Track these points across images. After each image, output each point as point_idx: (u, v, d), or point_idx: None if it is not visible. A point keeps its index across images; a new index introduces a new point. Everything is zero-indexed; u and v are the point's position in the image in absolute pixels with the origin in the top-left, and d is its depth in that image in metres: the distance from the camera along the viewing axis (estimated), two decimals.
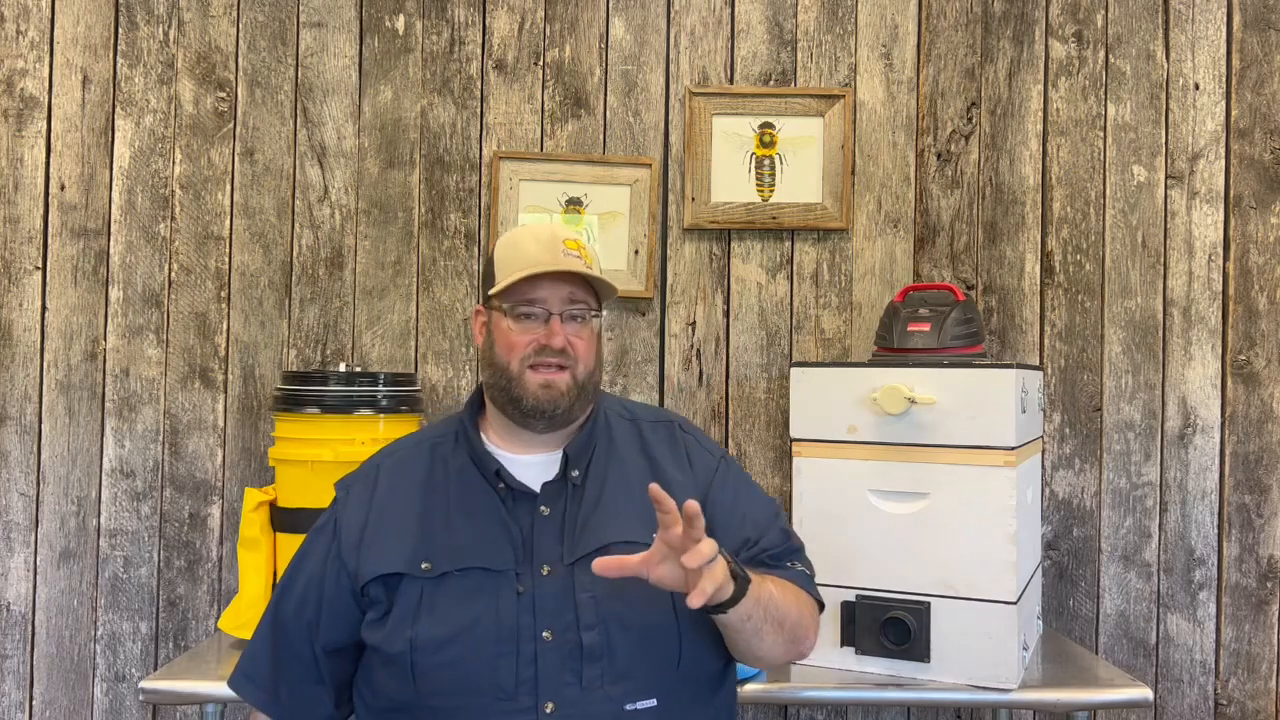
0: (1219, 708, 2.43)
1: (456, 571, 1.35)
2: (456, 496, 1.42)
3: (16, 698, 2.41)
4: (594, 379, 1.46)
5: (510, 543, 1.37)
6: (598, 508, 1.39)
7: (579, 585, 1.34)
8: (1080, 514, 2.45)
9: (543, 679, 1.31)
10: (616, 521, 1.37)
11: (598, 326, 1.48)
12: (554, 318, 1.41)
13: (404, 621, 1.34)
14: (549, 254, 1.41)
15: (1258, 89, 2.47)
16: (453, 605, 1.34)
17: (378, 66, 2.48)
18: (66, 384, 2.43)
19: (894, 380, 1.91)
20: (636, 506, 1.38)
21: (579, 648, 1.31)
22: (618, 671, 1.32)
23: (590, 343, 1.44)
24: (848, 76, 2.47)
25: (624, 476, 1.43)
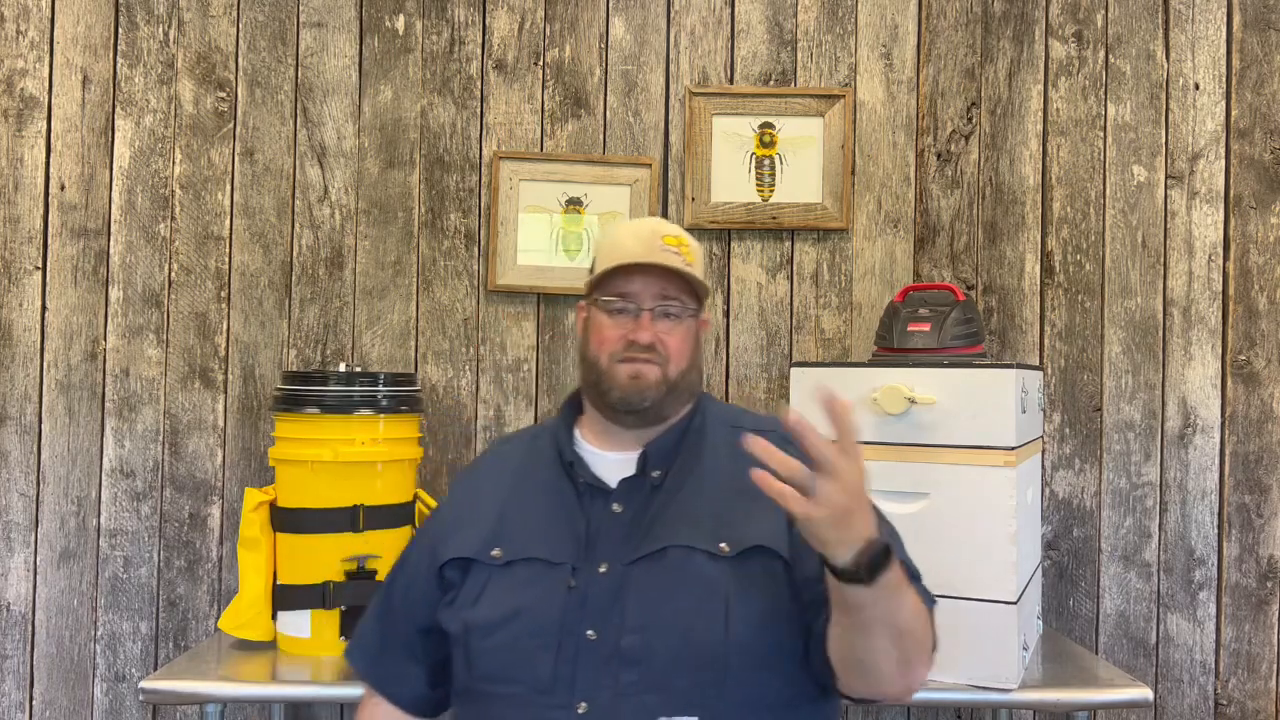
0: (1219, 708, 2.43)
1: (520, 561, 1.36)
2: (537, 488, 1.43)
3: (16, 698, 2.41)
4: (687, 378, 1.41)
5: (574, 537, 1.36)
6: (669, 510, 1.35)
7: (631, 587, 1.30)
8: (1080, 514, 2.45)
9: (580, 677, 1.28)
10: (683, 526, 1.33)
11: (694, 325, 1.44)
12: (645, 313, 1.38)
13: (465, 604, 1.37)
14: (644, 248, 1.39)
15: (1258, 89, 2.47)
16: (507, 592, 1.35)
17: (378, 66, 2.48)
18: (66, 384, 2.43)
19: (894, 380, 1.91)
20: (709, 513, 1.33)
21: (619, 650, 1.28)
22: (654, 680, 1.27)
23: (684, 341, 1.40)
24: (848, 76, 2.47)
25: (704, 481, 1.37)
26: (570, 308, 2.46)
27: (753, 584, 1.27)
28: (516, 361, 2.46)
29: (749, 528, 1.30)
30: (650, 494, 1.37)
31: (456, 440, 2.46)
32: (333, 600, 2.00)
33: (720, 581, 1.28)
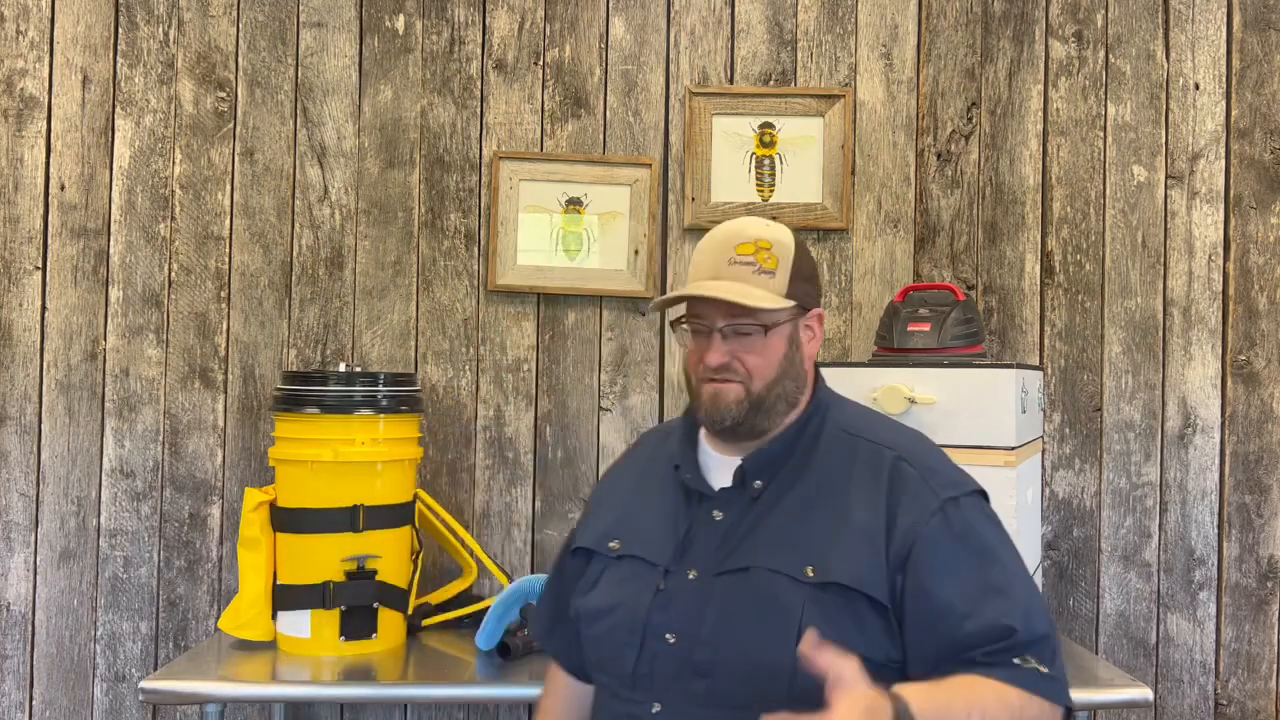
0: (1219, 708, 2.43)
1: (629, 556, 1.38)
2: (656, 485, 1.44)
3: (16, 698, 2.41)
4: (777, 390, 1.35)
5: (674, 539, 1.36)
6: (765, 524, 1.32)
7: (713, 599, 1.30)
8: (1080, 514, 2.45)
9: (657, 678, 1.30)
10: (771, 545, 1.30)
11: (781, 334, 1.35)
12: (715, 334, 1.35)
13: (583, 591, 1.42)
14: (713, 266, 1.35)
15: (1258, 89, 2.47)
16: (614, 585, 1.38)
17: (378, 66, 2.48)
18: (66, 384, 2.43)
19: (894, 380, 1.91)
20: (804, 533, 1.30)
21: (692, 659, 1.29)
22: (721, 694, 1.27)
23: (764, 355, 1.34)
24: (848, 76, 2.47)
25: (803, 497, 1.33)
26: (570, 307, 2.46)
27: (829, 616, 1.24)
28: (516, 361, 2.46)
29: (838, 560, 1.27)
30: (749, 505, 1.34)
31: (456, 440, 2.46)
32: (333, 600, 2.00)
33: (796, 607, 1.25)
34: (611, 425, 2.46)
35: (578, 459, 2.45)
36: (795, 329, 1.37)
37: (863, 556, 1.26)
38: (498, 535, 2.46)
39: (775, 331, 1.35)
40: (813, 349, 1.40)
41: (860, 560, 1.26)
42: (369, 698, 2.23)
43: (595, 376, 2.46)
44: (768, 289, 1.34)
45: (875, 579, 1.25)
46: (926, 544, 1.25)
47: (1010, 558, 1.30)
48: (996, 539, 1.30)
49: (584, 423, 2.46)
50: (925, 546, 1.25)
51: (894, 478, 1.30)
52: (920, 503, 1.28)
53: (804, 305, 1.38)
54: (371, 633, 2.03)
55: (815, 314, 1.40)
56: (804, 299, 1.37)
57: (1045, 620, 1.26)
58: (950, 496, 1.29)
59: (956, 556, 1.26)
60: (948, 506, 1.28)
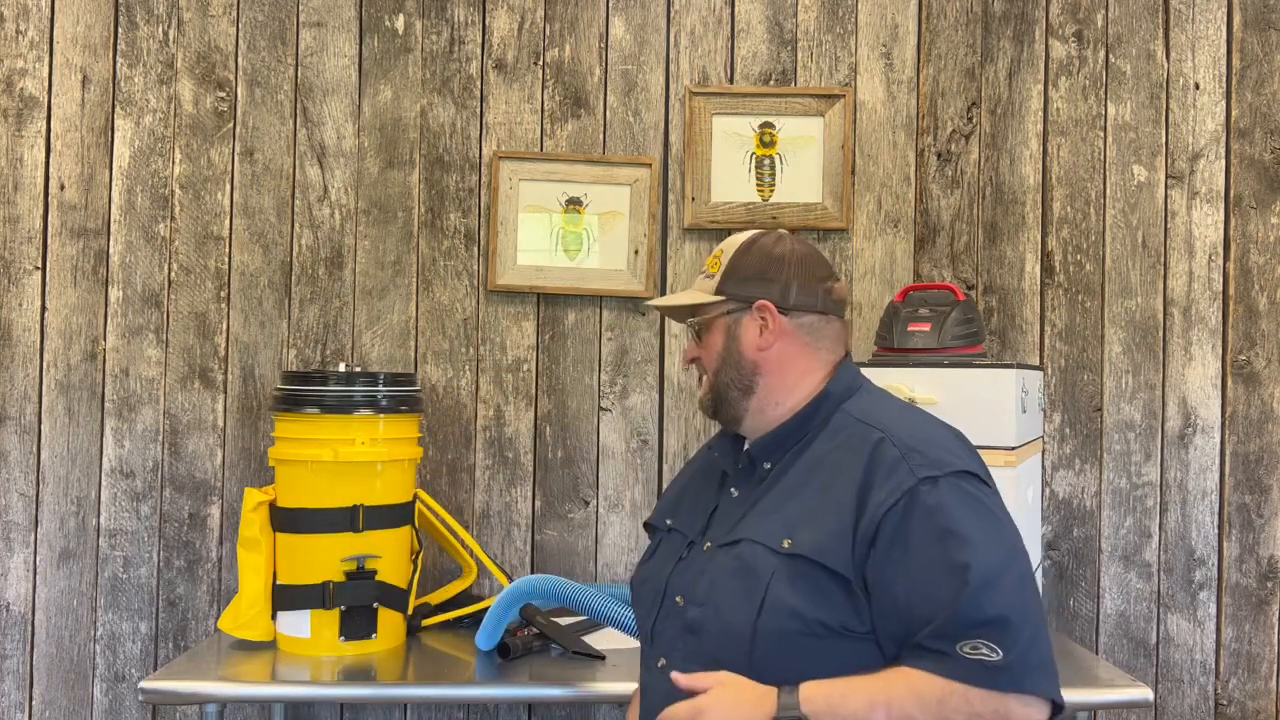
0: (1219, 708, 2.43)
1: (675, 530, 1.51)
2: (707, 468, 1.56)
3: (16, 698, 2.41)
4: (721, 379, 1.45)
5: (704, 515, 1.47)
6: (763, 501, 1.40)
7: (711, 566, 1.40)
8: (1080, 514, 2.45)
9: (664, 636, 1.41)
10: (761, 520, 1.37)
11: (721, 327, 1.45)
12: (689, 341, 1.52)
13: (644, 560, 1.57)
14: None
15: (1258, 89, 2.47)
16: (658, 556, 1.52)
17: (378, 66, 2.48)
18: (66, 384, 2.43)
19: (894, 380, 1.91)
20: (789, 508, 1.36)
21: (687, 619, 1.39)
22: (704, 651, 1.35)
23: (707, 349, 1.47)
24: (848, 76, 2.47)
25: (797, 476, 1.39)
26: (569, 307, 2.46)
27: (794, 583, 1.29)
28: (516, 361, 2.46)
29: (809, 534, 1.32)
30: (758, 484, 1.43)
31: (456, 440, 2.45)
32: (333, 600, 1.99)
33: (767, 571, 1.31)
34: (611, 425, 2.46)
35: (578, 459, 2.45)
36: (734, 323, 1.44)
37: (831, 531, 1.29)
38: (498, 535, 2.46)
39: (710, 326, 1.46)
40: (767, 340, 1.43)
41: (827, 534, 1.30)
42: (369, 698, 2.24)
43: (595, 376, 2.46)
44: (702, 289, 1.47)
45: (839, 552, 1.28)
46: (890, 523, 1.26)
47: (981, 538, 1.25)
48: (968, 520, 1.26)
49: (584, 423, 2.46)
50: (889, 525, 1.26)
51: (873, 457, 1.32)
52: (893, 482, 1.29)
53: (738, 298, 1.44)
54: (371, 633, 2.03)
55: (758, 305, 1.44)
56: (737, 292, 1.44)
57: (1008, 604, 1.21)
58: (927, 476, 1.28)
59: (917, 537, 1.25)
60: (921, 486, 1.27)
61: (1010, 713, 1.20)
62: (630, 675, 1.86)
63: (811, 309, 1.44)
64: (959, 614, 1.19)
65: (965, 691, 1.18)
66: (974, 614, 1.19)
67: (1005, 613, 1.20)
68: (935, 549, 1.24)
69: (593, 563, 2.46)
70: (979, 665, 1.18)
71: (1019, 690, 1.20)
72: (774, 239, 1.48)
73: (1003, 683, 1.19)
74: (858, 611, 1.27)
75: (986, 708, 1.19)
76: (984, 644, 1.18)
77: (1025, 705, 1.20)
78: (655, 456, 2.46)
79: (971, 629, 1.19)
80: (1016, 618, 1.20)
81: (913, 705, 1.19)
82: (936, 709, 1.19)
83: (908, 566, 1.24)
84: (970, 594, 1.19)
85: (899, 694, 1.20)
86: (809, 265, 1.46)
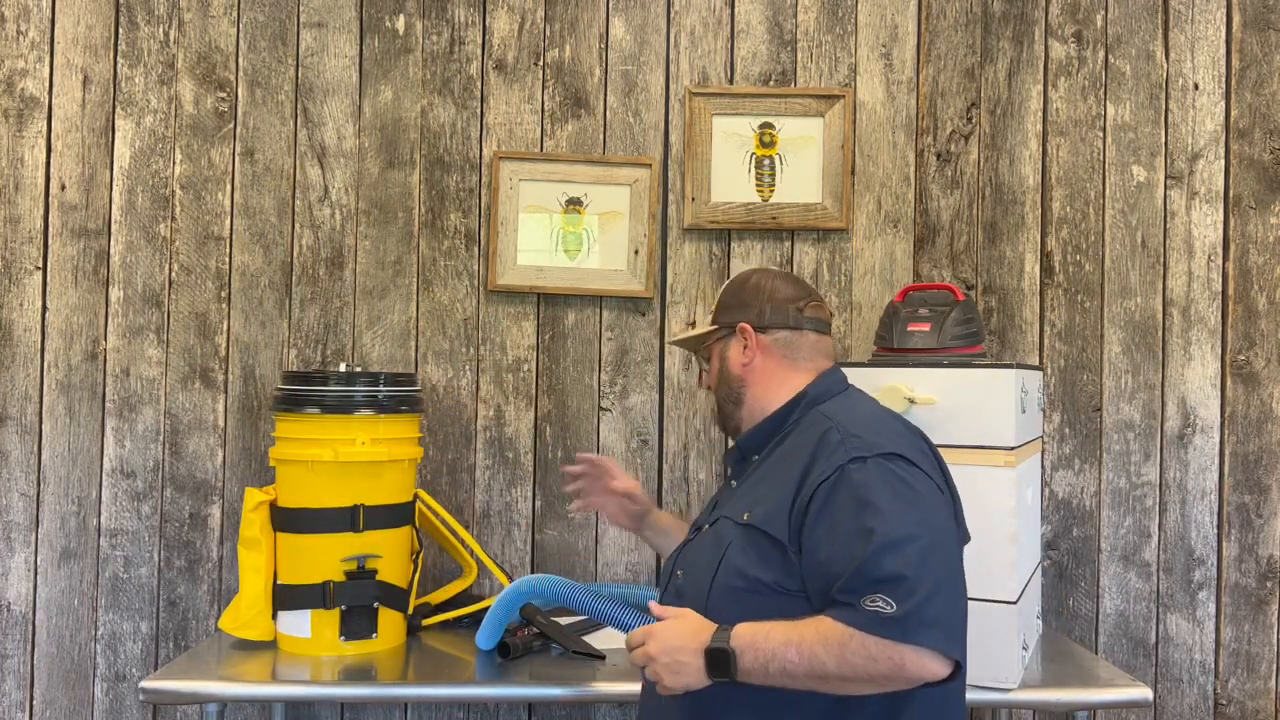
0: (1219, 707, 2.43)
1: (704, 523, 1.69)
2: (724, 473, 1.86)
3: (17, 698, 2.41)
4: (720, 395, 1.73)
5: (711, 506, 1.73)
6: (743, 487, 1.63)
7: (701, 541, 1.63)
8: (1080, 514, 2.45)
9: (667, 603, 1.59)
10: (739, 501, 1.60)
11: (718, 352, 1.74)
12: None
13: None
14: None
15: (1257, 89, 2.47)
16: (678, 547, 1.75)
17: (378, 66, 2.48)
18: (67, 384, 2.43)
19: (894, 380, 1.91)
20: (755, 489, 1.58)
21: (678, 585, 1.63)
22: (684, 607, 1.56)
23: (712, 371, 1.75)
24: (848, 76, 2.48)
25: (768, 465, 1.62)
26: (569, 308, 2.47)
27: (744, 548, 1.51)
28: (516, 361, 2.46)
29: (760, 507, 1.53)
30: (748, 474, 1.66)
31: (456, 440, 2.46)
32: (333, 600, 2.00)
33: (727, 540, 1.54)
34: (611, 425, 2.46)
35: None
36: (724, 346, 1.72)
37: (777, 503, 1.50)
38: (498, 535, 2.46)
39: (710, 353, 1.76)
40: (749, 355, 1.68)
41: (774, 507, 1.50)
42: (369, 698, 2.24)
43: (595, 376, 2.47)
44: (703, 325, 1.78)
45: (778, 521, 1.48)
46: (820, 495, 1.44)
47: (893, 509, 1.39)
48: (884, 494, 1.41)
49: (584, 423, 2.46)
50: (819, 498, 1.44)
51: (820, 442, 1.51)
52: (830, 461, 1.46)
53: (726, 325, 1.72)
54: (372, 632, 2.03)
55: (739, 328, 1.69)
56: (724, 320, 1.72)
57: (904, 563, 1.34)
58: (857, 456, 1.45)
59: (839, 507, 1.42)
60: (851, 464, 1.44)
61: (905, 661, 1.33)
62: (630, 675, 1.87)
63: (784, 325, 1.68)
64: (861, 570, 1.35)
65: (863, 638, 1.34)
66: (874, 571, 1.35)
67: (903, 571, 1.34)
68: (851, 517, 1.40)
69: (593, 562, 2.46)
70: (875, 615, 1.33)
71: (911, 641, 1.33)
72: (756, 273, 1.76)
73: (895, 632, 1.33)
74: (790, 572, 1.45)
75: (882, 654, 1.33)
76: (882, 598, 1.33)
77: (920, 657, 1.33)
78: (655, 456, 2.46)
79: (872, 585, 1.34)
80: (914, 576, 1.34)
81: (819, 646, 1.36)
82: (839, 651, 1.35)
83: (828, 532, 1.42)
84: (873, 554, 1.35)
85: (809, 636, 1.37)
86: (785, 289, 1.71)
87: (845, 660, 1.34)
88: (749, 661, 1.39)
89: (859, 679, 1.36)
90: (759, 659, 1.38)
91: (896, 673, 1.34)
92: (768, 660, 1.38)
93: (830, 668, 1.35)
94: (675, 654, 1.43)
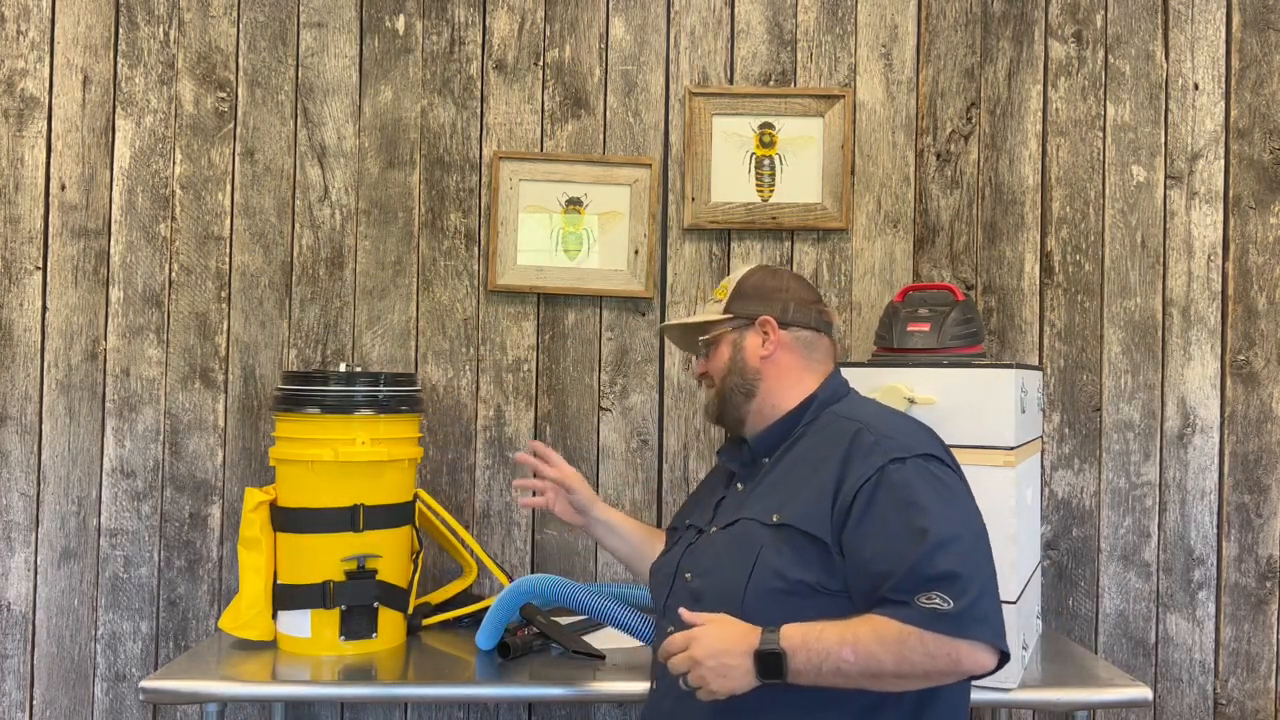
0: (1218, 707, 2.43)
1: (691, 525, 1.72)
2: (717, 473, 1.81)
3: (17, 698, 2.41)
4: (727, 385, 1.69)
5: (711, 507, 1.70)
6: (760, 489, 1.62)
7: (714, 545, 1.61)
8: (1080, 514, 2.45)
9: (672, 609, 1.57)
10: (759, 502, 1.58)
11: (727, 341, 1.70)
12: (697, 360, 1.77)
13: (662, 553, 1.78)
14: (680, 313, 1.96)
15: (1257, 89, 2.47)
16: (672, 549, 1.73)
17: (378, 66, 2.48)
18: (67, 384, 2.43)
19: (894, 380, 1.91)
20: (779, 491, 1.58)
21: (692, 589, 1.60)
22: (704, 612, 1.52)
23: (714, 361, 1.71)
24: (847, 76, 2.48)
25: (788, 467, 1.61)
26: (569, 308, 2.47)
27: (780, 549, 1.49)
28: (516, 361, 2.46)
29: (795, 508, 1.52)
30: (760, 476, 1.64)
31: (456, 440, 2.46)
32: (333, 600, 2.00)
33: (758, 541, 1.53)
34: (611, 425, 2.46)
35: (578, 459, 2.45)
36: (740, 336, 1.69)
37: (814, 504, 1.50)
38: (498, 535, 2.46)
39: (718, 341, 1.71)
40: (769, 349, 1.67)
41: (811, 507, 1.50)
42: (369, 697, 2.24)
43: (595, 376, 2.47)
44: (711, 312, 1.74)
45: (819, 521, 1.48)
46: (864, 496, 1.46)
47: (938, 509, 1.43)
48: (928, 494, 1.45)
49: (584, 423, 2.46)
50: (862, 498, 1.46)
51: (852, 443, 1.52)
52: (868, 462, 1.48)
53: (743, 315, 1.69)
54: (371, 632, 2.04)
55: (761, 320, 1.68)
56: (742, 310, 1.70)
57: (961, 562, 1.38)
58: (896, 457, 1.48)
59: (884, 507, 1.44)
60: (890, 465, 1.47)
61: (960, 656, 1.36)
62: (630, 675, 1.87)
63: (806, 325, 1.69)
64: (916, 569, 1.37)
65: (921, 635, 1.35)
66: (929, 570, 1.37)
67: (956, 569, 1.37)
68: (898, 517, 1.43)
69: (593, 562, 2.46)
70: (933, 612, 1.35)
71: (967, 636, 1.36)
72: (773, 270, 1.77)
73: (953, 628, 1.35)
74: (831, 572, 1.46)
75: (940, 649, 1.35)
76: (938, 595, 1.36)
77: (974, 650, 1.37)
78: (655, 456, 2.46)
79: (927, 583, 1.37)
80: (966, 574, 1.38)
81: (875, 644, 1.36)
82: (897, 648, 1.36)
83: (875, 532, 1.43)
84: (926, 553, 1.38)
85: (865, 634, 1.37)
86: (803, 289, 1.73)
87: (903, 657, 1.36)
88: (800, 662, 1.38)
89: (914, 675, 1.37)
90: (811, 659, 1.37)
91: (953, 667, 1.37)
92: (821, 660, 1.37)
93: (887, 665, 1.36)
94: (723, 657, 1.40)
